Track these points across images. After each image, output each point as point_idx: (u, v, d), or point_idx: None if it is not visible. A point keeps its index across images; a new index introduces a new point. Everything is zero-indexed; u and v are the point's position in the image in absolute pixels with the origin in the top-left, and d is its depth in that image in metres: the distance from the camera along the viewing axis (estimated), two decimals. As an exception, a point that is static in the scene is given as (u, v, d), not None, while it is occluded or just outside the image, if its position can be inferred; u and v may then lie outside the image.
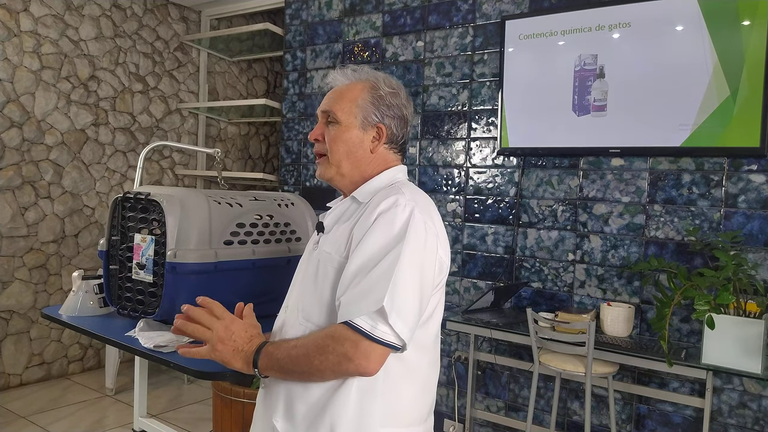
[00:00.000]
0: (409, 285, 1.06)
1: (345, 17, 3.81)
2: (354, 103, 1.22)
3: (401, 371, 1.13)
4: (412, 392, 1.16)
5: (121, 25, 4.21)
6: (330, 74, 1.30)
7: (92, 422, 3.30)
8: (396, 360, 1.12)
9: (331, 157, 1.23)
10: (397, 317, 1.04)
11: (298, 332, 1.17)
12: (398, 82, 1.29)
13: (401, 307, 1.05)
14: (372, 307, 1.03)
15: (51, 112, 3.84)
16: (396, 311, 1.04)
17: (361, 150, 1.23)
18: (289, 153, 4.11)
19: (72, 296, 1.95)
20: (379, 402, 1.11)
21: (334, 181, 1.26)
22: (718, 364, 2.26)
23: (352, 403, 1.10)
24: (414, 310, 1.07)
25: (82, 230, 4.06)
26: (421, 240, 1.10)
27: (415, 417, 1.18)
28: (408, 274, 1.06)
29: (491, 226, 3.22)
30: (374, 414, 1.11)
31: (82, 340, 4.08)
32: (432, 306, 1.17)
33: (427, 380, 1.21)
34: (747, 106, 2.48)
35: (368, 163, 1.24)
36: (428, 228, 1.12)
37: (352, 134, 1.22)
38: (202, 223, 1.73)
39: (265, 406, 1.22)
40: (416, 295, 1.08)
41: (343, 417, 1.10)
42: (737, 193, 2.57)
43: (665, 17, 2.64)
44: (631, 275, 2.80)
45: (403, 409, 1.15)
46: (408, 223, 1.09)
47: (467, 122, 3.31)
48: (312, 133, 1.26)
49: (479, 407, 3.23)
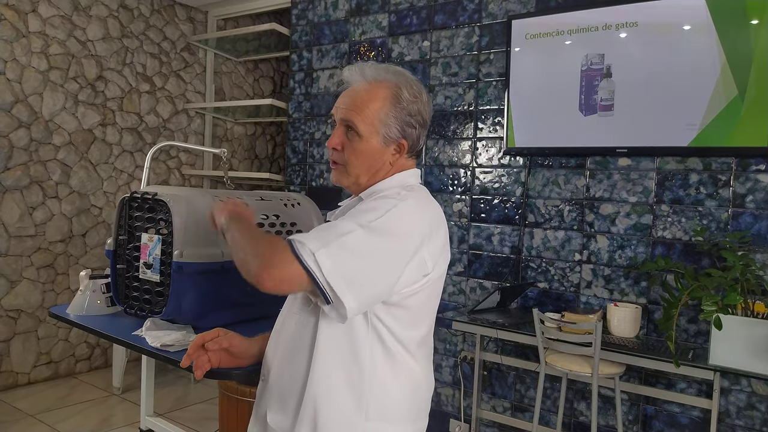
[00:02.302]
0: (360, 248, 1.04)
1: (351, 17, 3.81)
2: (376, 117, 1.17)
3: (389, 369, 1.14)
4: (400, 391, 1.16)
5: (128, 25, 4.23)
6: (346, 70, 1.24)
7: (99, 421, 3.31)
8: (384, 357, 1.13)
9: (350, 170, 1.21)
10: (327, 258, 1.01)
11: (294, 327, 1.18)
12: (419, 83, 1.25)
13: (337, 255, 1.02)
14: (312, 242, 1.03)
15: (59, 113, 3.86)
16: (328, 254, 1.01)
17: (381, 162, 1.21)
18: (296, 153, 4.11)
19: (79, 295, 1.96)
20: (366, 397, 1.12)
21: (350, 189, 1.26)
22: (726, 365, 2.25)
23: (335, 393, 1.11)
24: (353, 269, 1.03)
25: (90, 230, 4.08)
26: (400, 226, 1.08)
27: (403, 416, 1.18)
28: (364, 240, 1.04)
29: (497, 226, 3.21)
30: (360, 407, 1.12)
31: (89, 339, 4.10)
32: (418, 305, 1.16)
33: (418, 383, 1.20)
34: (755, 106, 2.46)
35: (386, 173, 1.23)
36: (417, 222, 1.11)
37: (373, 148, 1.19)
38: (208, 223, 1.74)
39: (261, 399, 1.24)
40: (366, 262, 1.05)
41: (331, 410, 1.11)
42: (745, 193, 2.56)
43: (673, 16, 2.63)
44: (638, 275, 2.79)
45: (391, 406, 1.15)
46: (393, 209, 1.08)
47: (473, 122, 3.30)
48: (331, 141, 1.22)
49: (485, 407, 3.22)
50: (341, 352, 1.12)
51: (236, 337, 1.32)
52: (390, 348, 1.14)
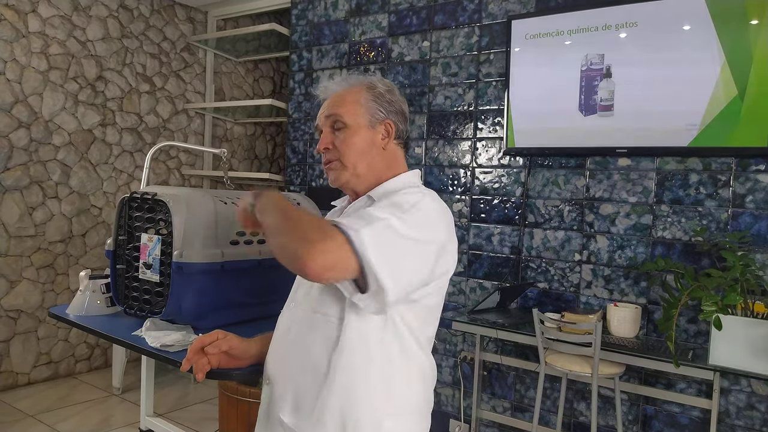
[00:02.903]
0: (399, 238, 1.03)
1: (351, 17, 3.81)
2: (357, 104, 1.23)
3: (404, 364, 1.15)
4: (417, 384, 1.19)
5: (128, 25, 4.23)
6: (320, 86, 1.29)
7: (99, 421, 3.31)
8: (400, 353, 1.14)
9: (345, 161, 1.22)
10: (372, 245, 0.99)
11: (309, 325, 1.17)
12: (389, 80, 1.31)
13: (382, 242, 1.01)
14: (359, 227, 1.01)
15: (58, 113, 3.86)
16: (373, 240, 1.00)
17: (374, 149, 1.24)
18: (295, 153, 4.11)
19: (79, 296, 1.96)
20: (385, 391, 1.13)
21: (350, 185, 1.25)
22: (726, 365, 2.25)
23: (362, 392, 1.12)
24: (395, 256, 1.03)
25: (90, 230, 4.08)
26: (429, 218, 1.10)
27: (422, 407, 1.21)
28: (402, 229, 1.04)
29: (497, 226, 3.21)
30: (381, 402, 1.13)
31: (89, 339, 4.10)
32: (433, 306, 1.19)
33: (429, 377, 1.23)
34: (755, 106, 2.46)
35: (381, 161, 1.25)
36: (443, 217, 1.13)
37: (362, 134, 1.22)
38: (208, 223, 1.74)
39: (271, 403, 1.23)
40: (407, 251, 1.05)
41: (354, 406, 1.11)
42: (745, 194, 2.56)
43: (672, 17, 2.63)
44: (638, 276, 2.79)
45: (407, 399, 1.17)
46: (420, 202, 1.10)
47: (473, 122, 3.30)
48: (320, 144, 1.24)
49: (485, 408, 3.22)
50: (364, 349, 1.12)
51: (235, 339, 1.32)
52: (407, 344, 1.15)
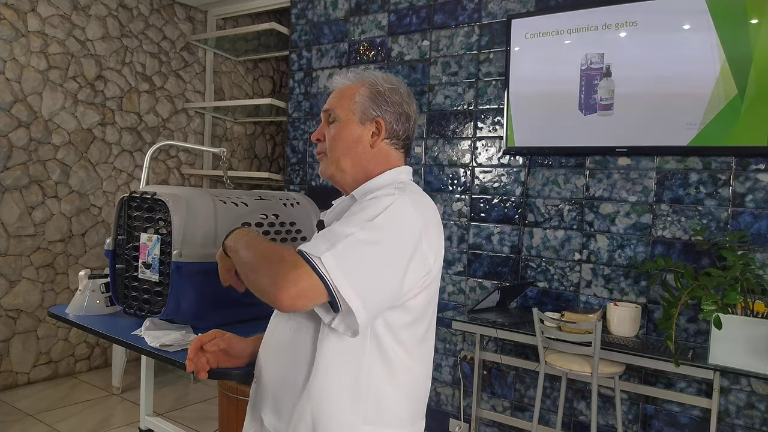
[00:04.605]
0: (363, 250, 1.03)
1: (351, 17, 3.81)
2: (352, 99, 1.23)
3: (385, 372, 1.13)
4: (396, 394, 1.15)
5: (127, 25, 4.22)
6: (332, 78, 1.31)
7: (99, 421, 3.31)
8: (380, 360, 1.12)
9: (330, 154, 1.24)
10: (335, 266, 1.00)
11: (292, 331, 1.17)
12: (399, 79, 1.29)
13: (344, 262, 1.01)
14: (320, 250, 1.01)
15: (58, 112, 3.86)
16: (336, 262, 1.00)
17: (361, 146, 1.23)
18: (295, 152, 4.11)
19: (79, 295, 1.96)
20: (362, 400, 1.11)
21: (335, 178, 1.25)
22: (726, 365, 2.25)
23: (335, 399, 1.10)
24: (361, 275, 1.02)
25: (89, 229, 4.08)
26: (399, 223, 1.08)
27: (401, 419, 1.17)
28: (366, 240, 1.03)
29: (497, 226, 3.21)
30: (357, 411, 1.11)
31: (88, 339, 4.10)
32: (419, 306, 1.15)
33: (414, 384, 1.19)
34: (755, 105, 2.46)
35: (369, 159, 1.23)
36: (414, 217, 1.10)
37: (350, 130, 1.22)
38: (207, 223, 1.74)
39: (255, 400, 1.24)
40: (370, 264, 1.04)
41: (325, 412, 1.10)
42: (745, 193, 2.56)
43: (672, 16, 2.63)
44: (638, 275, 2.79)
45: (387, 409, 1.14)
46: (390, 206, 1.08)
47: (473, 121, 3.30)
48: (314, 134, 1.28)
49: (485, 407, 3.22)
50: (342, 357, 1.10)
51: (234, 338, 1.32)
52: (388, 351, 1.12)
